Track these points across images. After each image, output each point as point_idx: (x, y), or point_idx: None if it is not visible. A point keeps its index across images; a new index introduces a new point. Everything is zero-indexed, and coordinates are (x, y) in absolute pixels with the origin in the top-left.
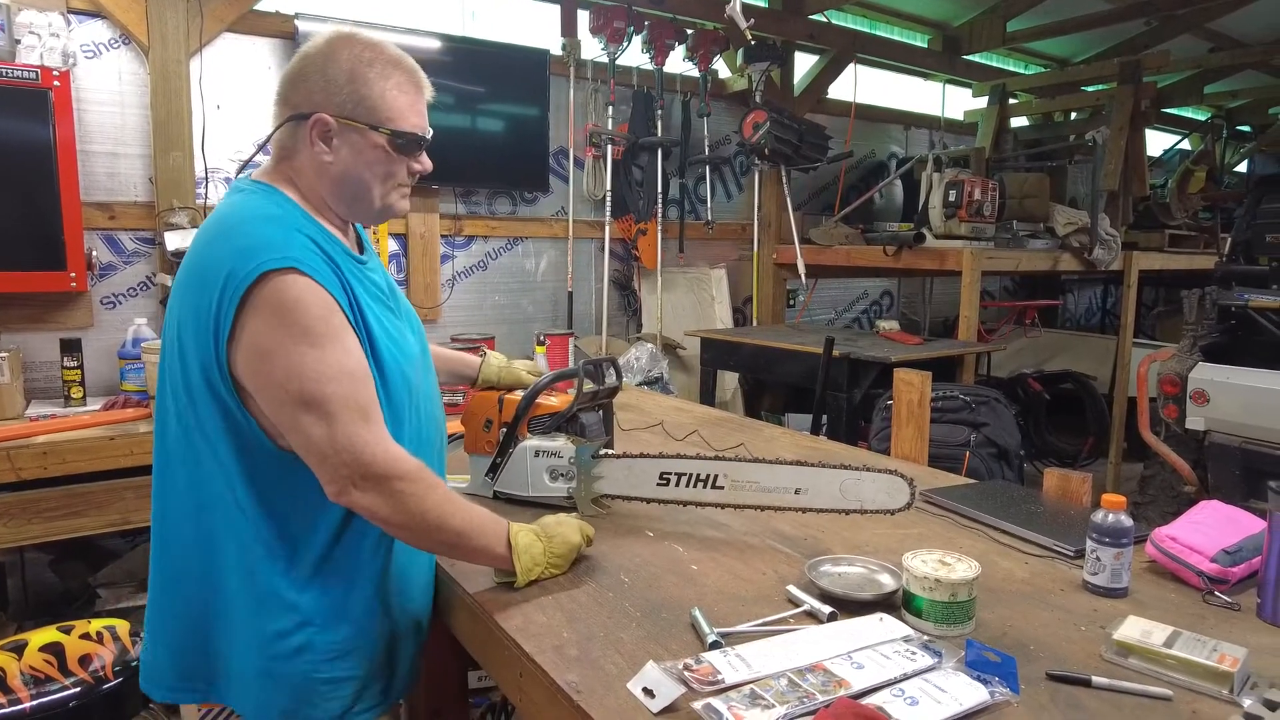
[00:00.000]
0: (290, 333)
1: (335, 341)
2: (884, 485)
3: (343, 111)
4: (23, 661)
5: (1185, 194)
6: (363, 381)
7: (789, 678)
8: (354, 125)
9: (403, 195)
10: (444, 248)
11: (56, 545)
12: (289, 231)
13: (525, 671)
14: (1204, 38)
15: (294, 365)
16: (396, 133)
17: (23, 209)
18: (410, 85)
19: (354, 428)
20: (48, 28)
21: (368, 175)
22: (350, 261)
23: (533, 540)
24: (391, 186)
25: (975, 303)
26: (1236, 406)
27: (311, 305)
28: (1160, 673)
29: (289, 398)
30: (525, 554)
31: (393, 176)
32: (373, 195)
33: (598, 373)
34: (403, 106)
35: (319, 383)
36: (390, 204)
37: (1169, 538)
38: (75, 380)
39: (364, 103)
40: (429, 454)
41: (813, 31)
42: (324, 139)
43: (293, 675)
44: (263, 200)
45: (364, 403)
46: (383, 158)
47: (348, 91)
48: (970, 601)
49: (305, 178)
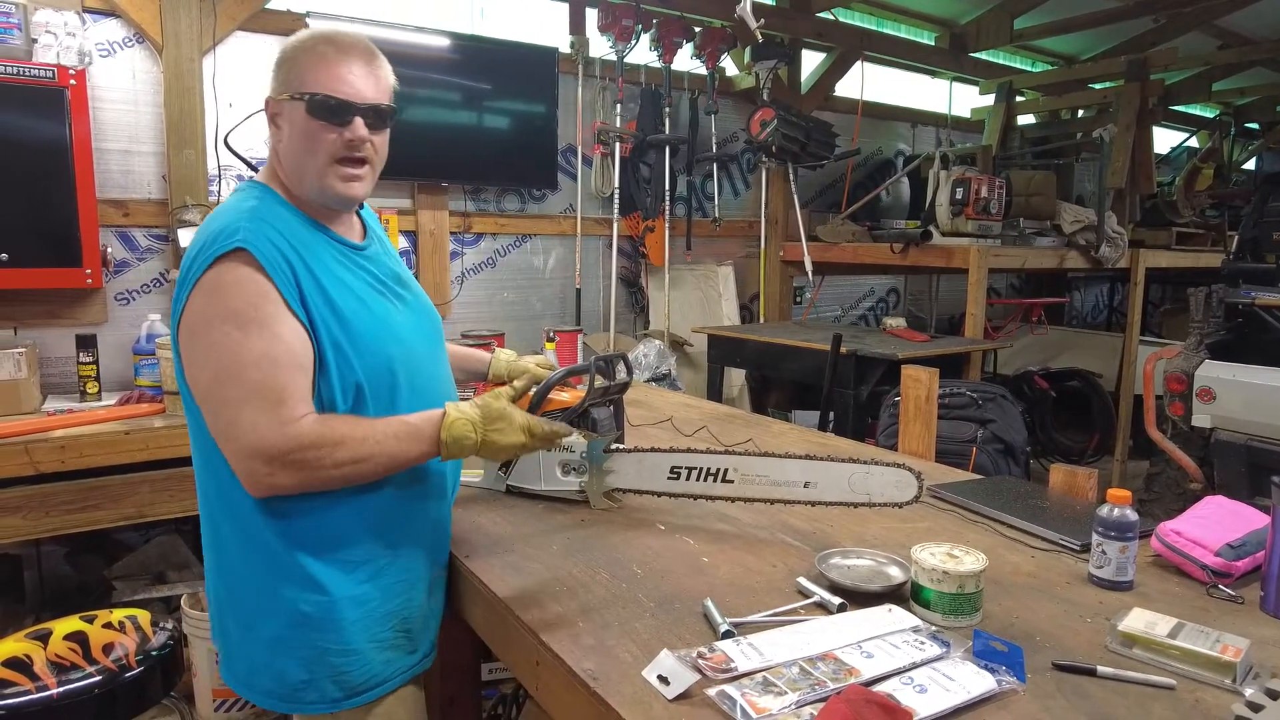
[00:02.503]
0: (218, 313)
1: (263, 327)
2: (892, 479)
3: (276, 89)
4: (48, 649)
5: (1192, 191)
6: (286, 369)
7: (800, 666)
8: (281, 99)
9: (342, 176)
10: (453, 245)
11: (73, 538)
12: (254, 220)
13: (542, 660)
14: (1212, 35)
15: (214, 345)
16: (308, 94)
17: (39, 206)
18: (335, 52)
19: (258, 415)
20: (64, 27)
21: (298, 147)
22: (333, 246)
23: (467, 431)
24: (325, 161)
25: (982, 300)
26: (1242, 404)
27: (245, 289)
28: (1164, 663)
29: (205, 376)
30: (456, 446)
31: (320, 147)
32: (307, 170)
33: (609, 368)
34: (321, 74)
35: (236, 366)
36: (328, 184)
37: (1174, 532)
38: (90, 375)
39: (290, 75)
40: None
41: (820, 29)
42: (275, 121)
43: (301, 646)
44: (244, 196)
45: (279, 388)
46: (305, 126)
47: (284, 70)
48: (977, 593)
49: (278, 165)
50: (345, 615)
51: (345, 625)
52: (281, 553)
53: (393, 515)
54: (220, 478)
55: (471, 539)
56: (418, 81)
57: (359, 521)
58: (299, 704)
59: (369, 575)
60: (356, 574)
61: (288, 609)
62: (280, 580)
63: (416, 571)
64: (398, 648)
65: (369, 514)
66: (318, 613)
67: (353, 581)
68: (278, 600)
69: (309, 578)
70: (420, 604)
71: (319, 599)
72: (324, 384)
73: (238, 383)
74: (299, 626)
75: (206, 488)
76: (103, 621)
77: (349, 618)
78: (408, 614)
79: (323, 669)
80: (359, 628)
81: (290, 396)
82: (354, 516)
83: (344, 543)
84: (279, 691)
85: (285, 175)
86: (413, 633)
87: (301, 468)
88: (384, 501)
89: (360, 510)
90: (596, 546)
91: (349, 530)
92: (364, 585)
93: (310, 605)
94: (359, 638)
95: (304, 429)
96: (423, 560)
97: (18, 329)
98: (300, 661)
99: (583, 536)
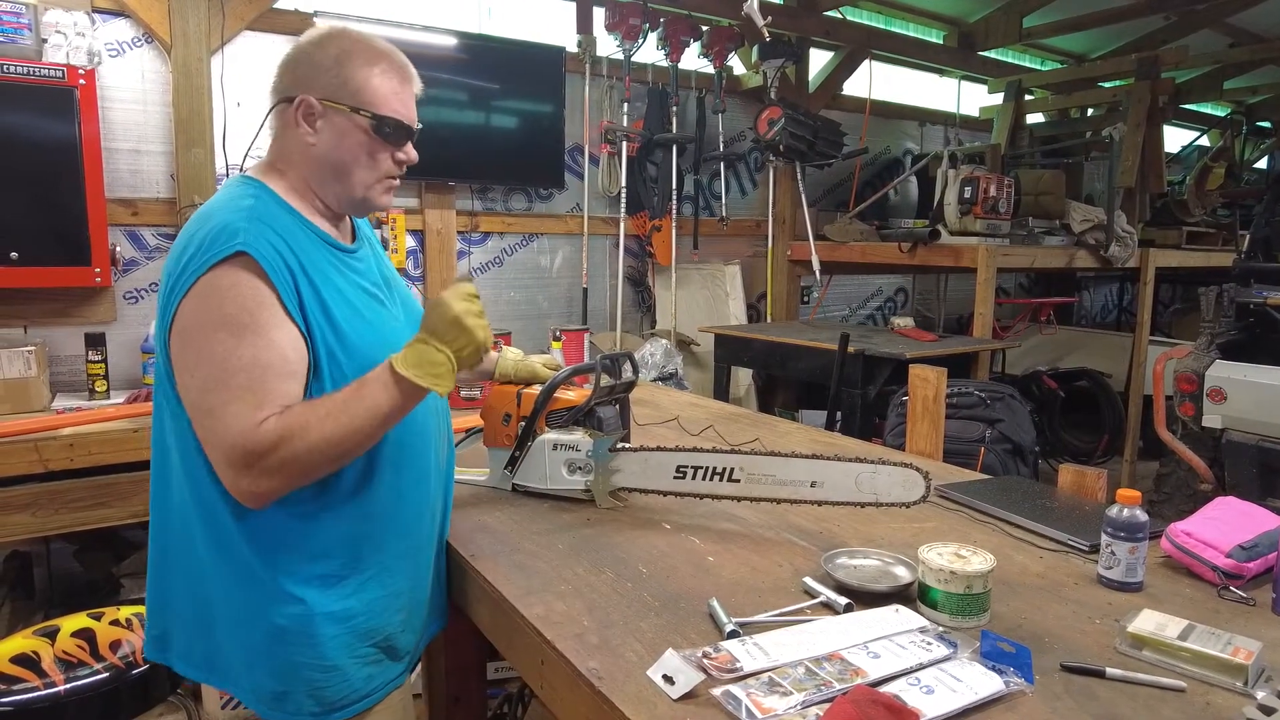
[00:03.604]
0: (211, 318)
1: (257, 334)
2: (899, 479)
3: (326, 93)
4: (56, 646)
5: (1203, 190)
6: (277, 376)
7: (806, 666)
8: (337, 107)
9: (386, 189)
10: (460, 244)
11: (82, 535)
12: (252, 221)
13: (547, 659)
14: (1223, 32)
15: (207, 351)
16: (378, 117)
17: (49, 205)
18: (395, 74)
19: (233, 420)
20: (73, 27)
21: (348, 159)
22: (327, 250)
23: (412, 346)
24: (375, 177)
25: (990, 300)
26: (1253, 404)
27: (241, 295)
28: (1174, 665)
29: (195, 383)
30: (416, 365)
31: (375, 164)
32: (354, 181)
33: (614, 367)
34: (386, 93)
35: (224, 373)
36: (372, 196)
37: (1184, 533)
38: (99, 374)
39: (347, 85)
40: (423, 440)
41: (827, 28)
42: (308, 120)
43: (275, 659)
44: (239, 191)
45: (263, 394)
46: (364, 142)
47: (333, 74)
48: (985, 594)
49: (292, 163)
50: (323, 631)
51: (323, 641)
52: (258, 564)
53: (376, 531)
54: (197, 481)
55: (477, 538)
56: (425, 81)
57: (340, 536)
58: (280, 713)
59: (350, 591)
60: (337, 589)
61: (264, 622)
62: (256, 591)
63: (400, 588)
64: (380, 663)
65: (351, 528)
66: (294, 627)
67: (332, 597)
68: (252, 611)
69: (286, 592)
70: (403, 620)
71: (296, 612)
72: (317, 391)
73: (224, 389)
74: (275, 641)
75: (179, 489)
76: (110, 619)
77: (327, 634)
78: (390, 630)
79: (299, 683)
80: (338, 644)
81: (269, 402)
82: (335, 530)
83: (324, 556)
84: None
85: (308, 175)
86: (396, 648)
87: (280, 467)
88: (367, 517)
89: (342, 524)
90: (602, 545)
91: (330, 544)
92: (345, 601)
93: (286, 619)
94: (338, 654)
95: (267, 428)
96: (406, 577)
97: (27, 327)
98: (274, 674)
99: (588, 535)
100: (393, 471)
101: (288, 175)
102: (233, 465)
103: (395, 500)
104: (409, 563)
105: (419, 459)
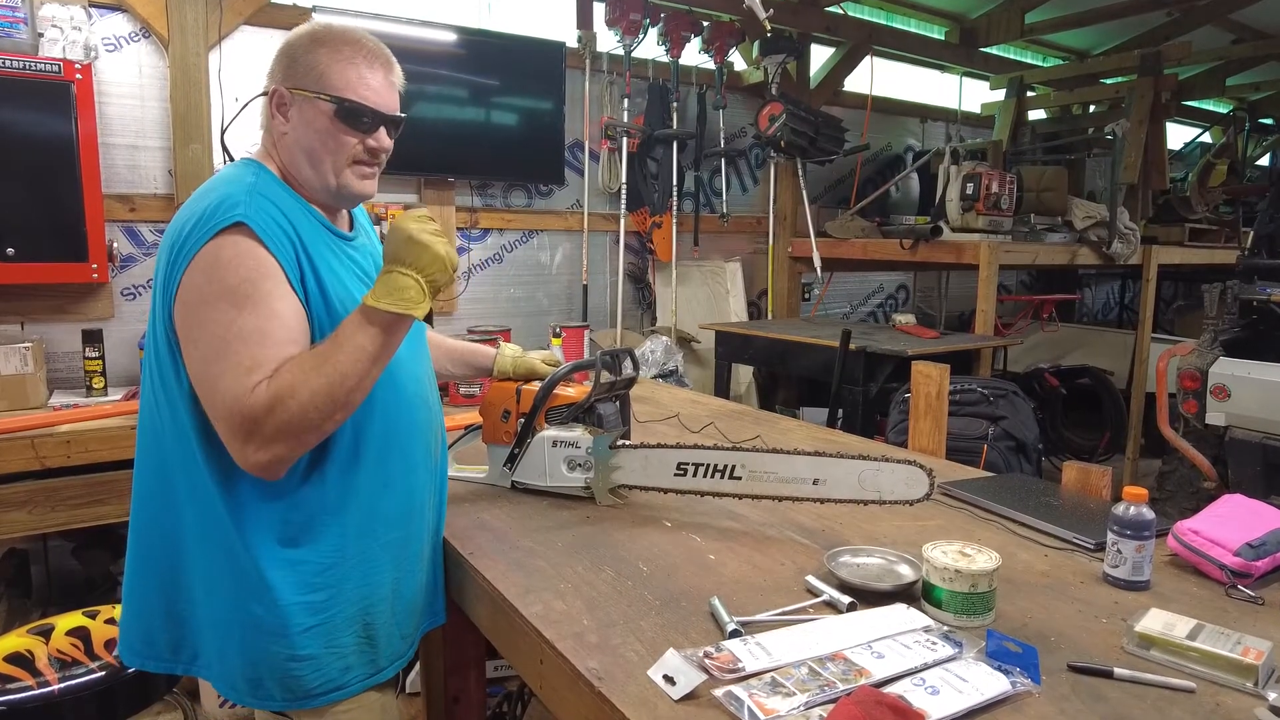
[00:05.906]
0: (214, 289)
1: (259, 305)
2: (902, 476)
3: (294, 82)
4: (50, 645)
5: (1206, 187)
6: (277, 344)
7: (809, 666)
8: (303, 94)
9: (361, 175)
10: (460, 240)
11: (79, 533)
12: (252, 194)
13: (546, 659)
14: (1226, 29)
15: (207, 320)
16: (339, 99)
17: (46, 201)
18: (363, 60)
19: (231, 387)
20: (69, 21)
21: (316, 144)
22: (326, 233)
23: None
24: (345, 162)
25: (992, 297)
26: (1257, 401)
27: (243, 265)
28: (1183, 665)
29: (198, 355)
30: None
31: (343, 150)
32: (324, 167)
33: (615, 364)
34: (351, 78)
35: (222, 343)
36: (345, 183)
37: (1191, 531)
38: (97, 370)
39: (311, 72)
40: (411, 428)
41: (829, 23)
42: (281, 110)
43: (252, 648)
44: (240, 172)
45: (261, 361)
46: (329, 127)
47: (302, 64)
48: (990, 593)
49: (274, 153)
50: (299, 621)
51: (298, 631)
52: (240, 548)
53: (363, 520)
54: (190, 459)
55: (475, 535)
56: (424, 76)
57: (326, 523)
58: (253, 699)
59: (332, 580)
60: (318, 578)
61: (241, 609)
62: (237, 578)
63: (384, 579)
64: (359, 654)
65: (336, 517)
66: (270, 615)
67: (312, 585)
68: (231, 598)
69: (266, 578)
70: (387, 613)
71: (273, 599)
72: None
73: (222, 359)
74: (251, 628)
75: (168, 468)
76: (105, 617)
77: (303, 623)
78: (373, 621)
79: (271, 671)
80: (314, 634)
81: (262, 367)
82: (321, 516)
83: (309, 542)
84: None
85: (286, 163)
86: (377, 640)
87: (280, 431)
88: (352, 505)
89: (327, 510)
90: (602, 543)
91: (315, 530)
92: (324, 591)
93: (264, 607)
94: (312, 644)
95: (259, 393)
96: (392, 569)
97: (24, 324)
98: (248, 661)
99: (588, 533)
100: (378, 459)
101: (273, 166)
102: (235, 435)
103: (382, 488)
104: (396, 555)
105: (406, 448)
